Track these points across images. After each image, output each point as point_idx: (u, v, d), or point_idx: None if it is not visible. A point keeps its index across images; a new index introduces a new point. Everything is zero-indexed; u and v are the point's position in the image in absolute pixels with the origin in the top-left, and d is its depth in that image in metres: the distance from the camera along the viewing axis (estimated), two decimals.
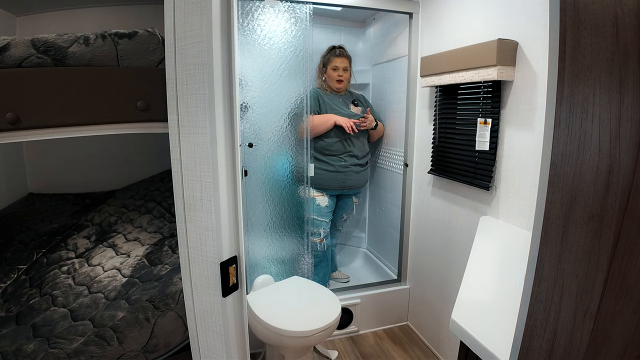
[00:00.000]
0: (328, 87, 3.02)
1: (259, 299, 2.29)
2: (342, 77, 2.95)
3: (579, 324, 0.59)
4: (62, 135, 1.40)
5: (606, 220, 0.54)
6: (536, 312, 0.67)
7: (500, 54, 1.83)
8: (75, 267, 2.14)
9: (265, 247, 2.65)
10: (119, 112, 1.42)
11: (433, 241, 2.69)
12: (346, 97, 3.05)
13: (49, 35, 1.38)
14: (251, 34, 2.29)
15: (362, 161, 3.01)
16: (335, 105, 2.93)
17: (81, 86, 1.37)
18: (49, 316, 1.74)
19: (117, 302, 1.79)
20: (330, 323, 2.06)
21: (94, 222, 2.69)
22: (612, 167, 0.52)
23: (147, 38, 1.47)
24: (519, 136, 1.89)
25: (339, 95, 3.02)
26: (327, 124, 2.83)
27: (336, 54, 2.96)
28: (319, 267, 3.20)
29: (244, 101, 2.34)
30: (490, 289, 1.43)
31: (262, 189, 2.54)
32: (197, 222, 1.10)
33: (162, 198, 2.82)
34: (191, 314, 1.18)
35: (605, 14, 0.52)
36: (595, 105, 0.54)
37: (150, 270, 2.04)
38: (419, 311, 2.95)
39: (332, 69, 2.95)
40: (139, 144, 3.34)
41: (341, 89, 3.01)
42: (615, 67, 0.51)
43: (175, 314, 1.74)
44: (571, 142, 0.58)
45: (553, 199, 0.62)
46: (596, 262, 0.56)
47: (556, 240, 0.62)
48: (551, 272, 0.64)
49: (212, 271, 1.10)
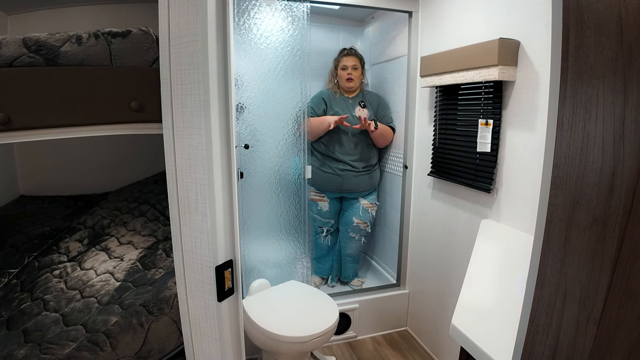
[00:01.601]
0: (339, 89, 3.03)
1: (255, 303, 2.29)
2: (351, 75, 2.94)
3: (582, 330, 0.59)
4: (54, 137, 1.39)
5: (610, 223, 0.54)
6: (538, 317, 0.67)
7: (502, 54, 1.83)
8: (68, 271, 2.13)
9: (261, 250, 2.64)
10: (112, 113, 1.41)
11: (433, 245, 2.69)
12: (355, 99, 3.04)
13: (41, 34, 1.38)
14: (247, 33, 2.29)
15: (361, 164, 2.99)
16: (340, 107, 2.94)
17: (74, 86, 1.37)
18: (41, 321, 1.73)
19: (110, 307, 1.78)
20: (328, 328, 2.06)
21: (86, 225, 2.68)
22: (616, 169, 0.52)
23: (141, 37, 1.47)
24: (521, 137, 1.89)
25: (348, 97, 3.02)
26: (324, 125, 2.83)
27: (345, 53, 2.99)
28: (325, 259, 3.28)
29: (240, 102, 2.34)
30: (491, 293, 1.43)
31: (258, 191, 2.54)
32: (192, 225, 1.09)
33: (156, 200, 2.81)
34: (186, 319, 1.18)
35: (609, 13, 0.52)
36: (599, 106, 0.54)
37: (144, 274, 2.03)
38: (418, 316, 2.95)
39: (342, 68, 2.97)
40: (133, 145, 3.33)
41: (352, 88, 3.00)
42: (620, 67, 0.51)
43: (169, 319, 1.73)
44: (574, 143, 0.58)
45: (556, 202, 0.62)
46: (600, 266, 0.56)
47: (559, 244, 0.62)
48: (554, 276, 0.63)
49: (207, 275, 1.09)
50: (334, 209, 3.13)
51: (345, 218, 3.15)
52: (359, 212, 3.10)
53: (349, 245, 3.19)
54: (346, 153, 2.93)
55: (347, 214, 3.13)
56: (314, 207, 3.10)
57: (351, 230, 3.13)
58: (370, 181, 3.09)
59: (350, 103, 3.00)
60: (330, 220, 3.14)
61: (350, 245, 3.18)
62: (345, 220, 3.16)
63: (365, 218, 3.11)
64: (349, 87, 2.97)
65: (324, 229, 3.17)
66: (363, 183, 3.04)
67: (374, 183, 3.14)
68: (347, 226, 3.14)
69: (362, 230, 3.15)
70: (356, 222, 3.11)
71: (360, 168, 2.99)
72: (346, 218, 3.14)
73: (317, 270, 3.30)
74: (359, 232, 3.14)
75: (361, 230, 3.14)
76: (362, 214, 3.10)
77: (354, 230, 3.13)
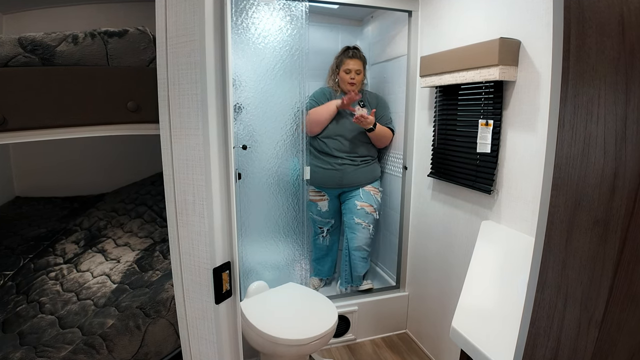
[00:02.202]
0: (339, 89, 3.02)
1: (253, 305, 2.28)
2: (354, 80, 2.92)
3: (584, 332, 0.59)
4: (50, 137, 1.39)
5: (612, 225, 0.54)
6: (539, 320, 0.67)
7: (503, 54, 1.83)
8: (64, 273, 2.12)
9: (259, 252, 2.64)
10: (109, 113, 1.41)
11: (433, 246, 2.69)
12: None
13: (37, 34, 1.38)
14: (245, 32, 2.29)
15: (359, 158, 2.98)
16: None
17: (70, 86, 1.36)
18: (37, 324, 1.72)
19: (106, 309, 1.78)
20: (327, 331, 2.06)
21: (82, 226, 2.67)
22: (617, 170, 0.52)
23: (138, 37, 1.46)
24: (522, 138, 1.90)
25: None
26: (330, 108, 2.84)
27: (349, 55, 2.94)
28: (324, 260, 3.26)
29: (238, 102, 2.33)
30: (492, 295, 1.43)
31: (256, 192, 2.54)
32: (189, 226, 1.09)
33: (153, 202, 2.81)
34: (183, 322, 1.18)
35: (610, 12, 0.52)
36: (601, 106, 0.54)
37: (140, 276, 2.03)
38: (418, 319, 2.95)
39: (345, 71, 2.93)
40: (130, 146, 3.32)
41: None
42: (622, 67, 0.51)
43: (166, 321, 1.73)
44: (575, 144, 0.58)
45: (557, 203, 0.62)
46: (601, 268, 0.55)
47: (560, 246, 0.62)
48: (555, 278, 0.63)
49: (205, 277, 1.09)
50: (333, 208, 3.12)
51: (347, 205, 3.06)
52: (360, 195, 3.02)
53: (356, 236, 3.02)
54: (343, 149, 2.92)
55: (348, 202, 3.05)
56: (313, 208, 3.08)
57: (356, 215, 3.00)
58: (371, 174, 3.05)
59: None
60: (330, 220, 3.14)
61: (357, 235, 3.01)
62: (347, 208, 3.06)
63: (368, 200, 3.01)
64: (350, 91, 2.94)
65: (324, 229, 3.16)
66: (363, 175, 3.00)
67: (375, 175, 3.08)
68: (351, 214, 3.03)
69: (369, 216, 3.01)
70: (360, 205, 2.99)
71: (358, 161, 2.98)
72: (348, 205, 3.05)
73: (316, 271, 3.29)
74: (365, 217, 3.00)
75: (367, 216, 3.00)
76: (364, 195, 3.00)
77: (359, 215, 2.99)
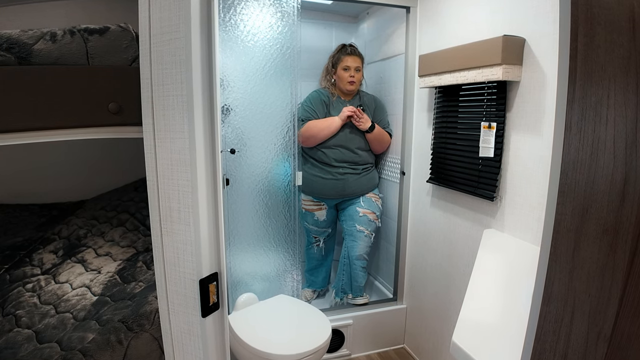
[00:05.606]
0: (337, 90, 3.00)
1: (241, 319, 2.27)
2: (354, 77, 2.91)
3: (592, 347, 0.58)
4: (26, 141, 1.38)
5: (621, 233, 0.54)
6: (545, 334, 0.67)
7: (506, 52, 1.84)
8: (41, 285, 2.11)
9: (248, 262, 2.63)
10: (89, 115, 1.41)
11: (432, 256, 2.69)
12: (353, 102, 3.02)
13: (13, 31, 1.37)
14: (233, 29, 2.28)
15: (360, 166, 2.99)
16: (337, 111, 2.92)
17: (48, 87, 1.36)
18: (12, 338, 1.71)
19: (86, 323, 1.77)
20: (320, 346, 2.05)
21: (61, 235, 2.66)
22: (628, 175, 0.52)
23: (120, 34, 1.46)
24: (527, 142, 1.90)
25: (345, 100, 3.00)
26: (332, 127, 2.84)
27: (347, 52, 2.93)
28: (318, 271, 3.26)
29: (226, 103, 2.33)
30: (494, 308, 1.43)
31: (245, 199, 2.53)
32: (174, 235, 1.08)
33: (136, 209, 2.79)
34: (168, 336, 1.17)
35: (621, 8, 0.52)
36: (610, 108, 0.54)
37: (123, 287, 2.02)
38: (416, 333, 2.94)
39: (343, 69, 2.92)
40: (111, 149, 3.30)
41: (352, 92, 2.99)
42: (632, 67, 0.51)
43: (150, 335, 1.72)
44: (583, 148, 0.58)
45: (563, 211, 0.62)
46: (610, 279, 0.55)
47: (567, 256, 0.62)
48: (561, 290, 0.63)
49: (191, 289, 1.08)
50: (331, 217, 3.12)
51: (347, 212, 3.07)
52: (361, 202, 3.03)
53: (358, 244, 3.01)
54: (344, 159, 2.93)
55: (349, 208, 3.06)
56: (309, 218, 3.08)
57: (358, 223, 3.00)
58: (372, 181, 3.09)
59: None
60: (326, 229, 3.14)
61: (358, 244, 3.01)
62: (347, 215, 3.07)
63: (370, 207, 3.03)
64: (349, 90, 2.95)
65: (320, 238, 3.16)
66: (364, 184, 3.03)
67: (375, 182, 3.13)
68: (352, 221, 3.03)
69: (372, 223, 3.02)
70: (362, 212, 3.01)
71: (360, 169, 2.99)
72: (348, 212, 3.06)
73: (309, 282, 3.29)
74: (367, 224, 3.01)
75: (370, 223, 3.01)
76: (365, 202, 3.03)
77: (361, 223, 3.00)
